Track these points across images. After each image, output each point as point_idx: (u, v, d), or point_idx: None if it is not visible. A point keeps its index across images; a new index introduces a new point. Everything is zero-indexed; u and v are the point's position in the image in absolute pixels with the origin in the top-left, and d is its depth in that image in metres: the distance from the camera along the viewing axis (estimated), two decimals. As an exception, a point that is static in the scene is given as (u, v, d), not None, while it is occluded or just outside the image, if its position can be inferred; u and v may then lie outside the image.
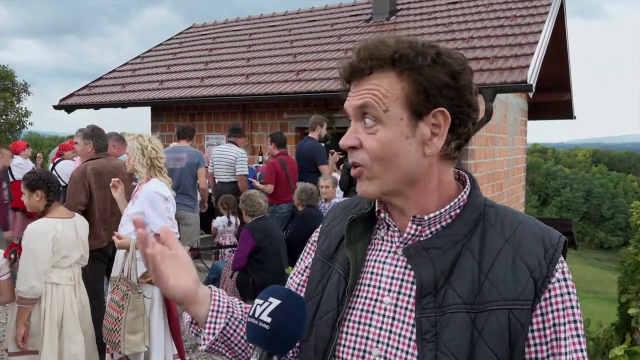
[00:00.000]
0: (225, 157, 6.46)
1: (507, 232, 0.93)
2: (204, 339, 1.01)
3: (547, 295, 0.88)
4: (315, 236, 1.18)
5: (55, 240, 3.18)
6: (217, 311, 1.02)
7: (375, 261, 1.01)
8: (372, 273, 1.00)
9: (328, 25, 11.10)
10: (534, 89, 6.80)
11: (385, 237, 1.02)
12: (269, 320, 0.87)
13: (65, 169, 6.93)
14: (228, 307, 1.04)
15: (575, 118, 13.12)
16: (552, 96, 11.67)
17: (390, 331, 0.94)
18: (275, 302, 0.88)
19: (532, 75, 6.71)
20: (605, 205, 57.10)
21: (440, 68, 0.92)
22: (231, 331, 1.04)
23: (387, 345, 0.94)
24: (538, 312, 0.88)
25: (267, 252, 4.84)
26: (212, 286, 1.06)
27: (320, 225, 1.18)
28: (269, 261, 4.82)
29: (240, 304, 1.10)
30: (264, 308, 0.88)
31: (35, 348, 3.17)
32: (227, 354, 1.07)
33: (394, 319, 0.95)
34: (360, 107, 0.94)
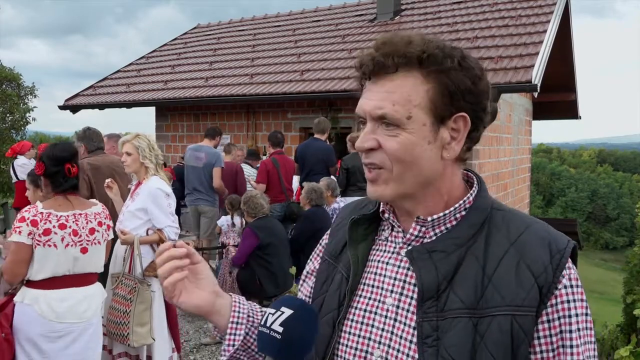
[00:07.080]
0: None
1: (512, 235, 0.91)
2: (224, 350, 1.01)
3: (553, 301, 0.86)
4: (325, 238, 1.18)
5: None
6: (237, 322, 1.01)
7: (378, 261, 1.00)
8: (375, 273, 1.00)
9: (332, 25, 11.10)
10: (538, 88, 6.78)
11: (389, 238, 1.01)
12: (280, 329, 0.85)
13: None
14: (248, 316, 1.04)
15: (580, 118, 13.08)
16: (557, 96, 11.65)
17: (392, 333, 0.94)
18: (288, 311, 0.86)
19: (536, 75, 6.69)
20: (610, 205, 56.80)
21: (465, 72, 0.90)
22: (252, 340, 1.03)
23: (389, 346, 0.93)
24: (544, 318, 0.86)
25: (273, 249, 4.88)
26: (233, 295, 1.06)
27: (331, 226, 1.19)
28: (277, 258, 4.86)
29: (262, 311, 1.08)
30: (276, 317, 0.86)
31: None
32: None
33: (395, 320, 0.94)
34: (379, 117, 0.91)
